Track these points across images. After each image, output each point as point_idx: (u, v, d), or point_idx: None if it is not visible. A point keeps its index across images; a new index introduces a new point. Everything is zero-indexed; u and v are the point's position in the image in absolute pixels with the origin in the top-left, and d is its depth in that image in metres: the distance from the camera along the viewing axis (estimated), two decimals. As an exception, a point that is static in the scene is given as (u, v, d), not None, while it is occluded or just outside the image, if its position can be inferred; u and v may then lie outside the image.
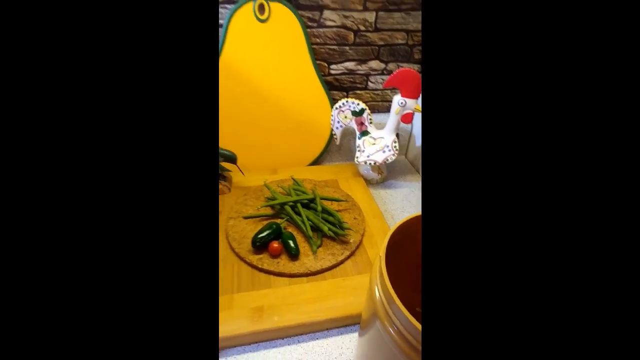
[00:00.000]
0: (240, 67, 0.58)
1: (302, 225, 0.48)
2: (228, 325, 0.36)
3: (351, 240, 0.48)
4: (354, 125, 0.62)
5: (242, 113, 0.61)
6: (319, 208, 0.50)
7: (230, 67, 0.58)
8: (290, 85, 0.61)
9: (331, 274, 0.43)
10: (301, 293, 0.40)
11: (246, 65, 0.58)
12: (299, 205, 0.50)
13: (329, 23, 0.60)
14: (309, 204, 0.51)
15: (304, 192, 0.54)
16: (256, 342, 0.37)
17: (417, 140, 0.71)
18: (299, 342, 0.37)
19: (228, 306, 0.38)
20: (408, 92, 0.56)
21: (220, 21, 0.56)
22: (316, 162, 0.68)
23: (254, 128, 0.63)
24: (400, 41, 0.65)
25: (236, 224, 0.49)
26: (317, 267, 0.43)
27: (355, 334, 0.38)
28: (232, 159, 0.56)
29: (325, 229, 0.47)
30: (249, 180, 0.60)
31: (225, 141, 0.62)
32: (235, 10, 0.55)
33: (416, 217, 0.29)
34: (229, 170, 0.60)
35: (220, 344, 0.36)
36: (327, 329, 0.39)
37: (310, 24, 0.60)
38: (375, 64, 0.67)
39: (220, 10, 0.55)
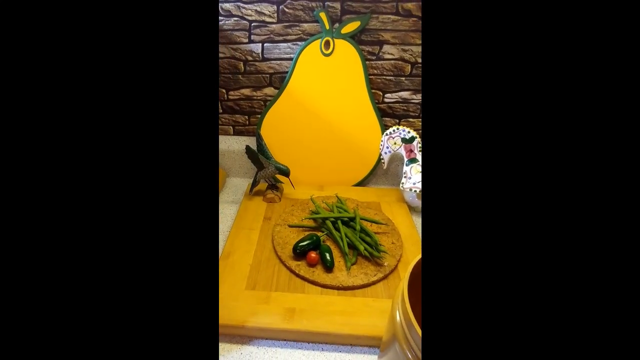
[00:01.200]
0: (303, 94, 0.66)
1: (339, 241, 0.51)
2: (263, 318, 0.41)
3: (386, 264, 0.49)
4: (403, 152, 0.64)
5: (300, 133, 0.69)
6: (358, 227, 0.52)
7: (295, 94, 0.66)
8: (345, 110, 0.67)
9: (362, 292, 0.45)
10: (331, 304, 0.43)
11: (308, 92, 0.66)
12: (339, 222, 0.54)
13: (387, 56, 0.65)
14: (349, 222, 0.54)
15: (345, 211, 0.57)
16: (285, 340, 0.41)
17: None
18: (322, 349, 0.40)
19: (266, 301, 0.43)
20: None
21: (292, 55, 0.65)
22: (361, 183, 0.71)
23: (308, 146, 0.69)
24: (458, 74, 0.66)
25: (281, 231, 0.55)
26: (349, 282, 0.46)
27: (376, 357, 0.39)
28: (285, 172, 0.63)
29: (361, 248, 0.49)
30: (298, 193, 0.66)
31: (282, 156, 0.69)
32: (304, 47, 0.63)
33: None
34: (281, 182, 0.68)
35: (254, 334, 0.40)
36: (350, 344, 0.40)
37: (369, 57, 0.65)
38: (430, 94, 0.68)
39: (292, 46, 0.64)
